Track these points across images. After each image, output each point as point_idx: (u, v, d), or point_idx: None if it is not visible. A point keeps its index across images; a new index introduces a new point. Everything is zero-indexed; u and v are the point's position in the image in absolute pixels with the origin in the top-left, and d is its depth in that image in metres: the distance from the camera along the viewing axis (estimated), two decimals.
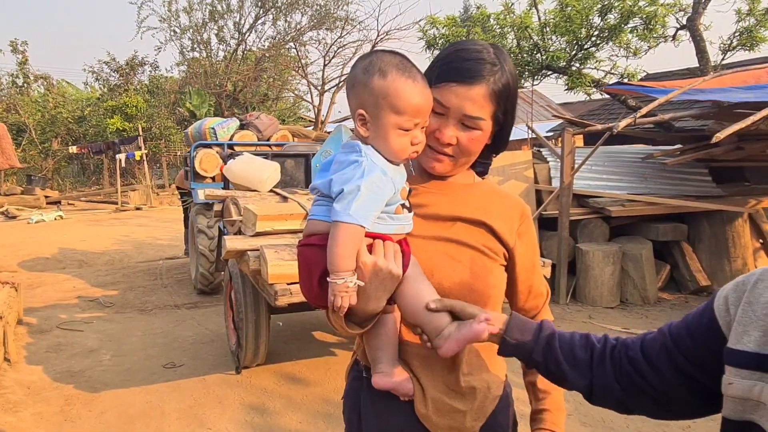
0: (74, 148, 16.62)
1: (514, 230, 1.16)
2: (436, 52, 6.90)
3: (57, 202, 14.78)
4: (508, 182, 5.51)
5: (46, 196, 14.83)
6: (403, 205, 1.11)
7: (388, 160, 1.06)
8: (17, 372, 3.69)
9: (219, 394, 3.38)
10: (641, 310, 5.15)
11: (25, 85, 18.36)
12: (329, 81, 18.23)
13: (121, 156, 15.01)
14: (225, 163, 3.99)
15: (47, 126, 17.91)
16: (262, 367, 3.75)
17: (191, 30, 17.44)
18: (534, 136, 6.89)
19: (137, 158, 15.32)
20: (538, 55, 6.92)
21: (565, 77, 6.77)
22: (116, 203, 14.62)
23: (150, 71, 19.06)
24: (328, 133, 8.23)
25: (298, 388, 3.47)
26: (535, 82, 6.96)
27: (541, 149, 6.46)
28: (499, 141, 1.18)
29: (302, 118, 20.87)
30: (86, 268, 7.59)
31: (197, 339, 4.41)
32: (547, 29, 6.76)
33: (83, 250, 8.88)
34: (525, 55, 6.86)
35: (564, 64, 6.70)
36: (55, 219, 12.35)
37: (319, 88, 18.35)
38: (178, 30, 17.39)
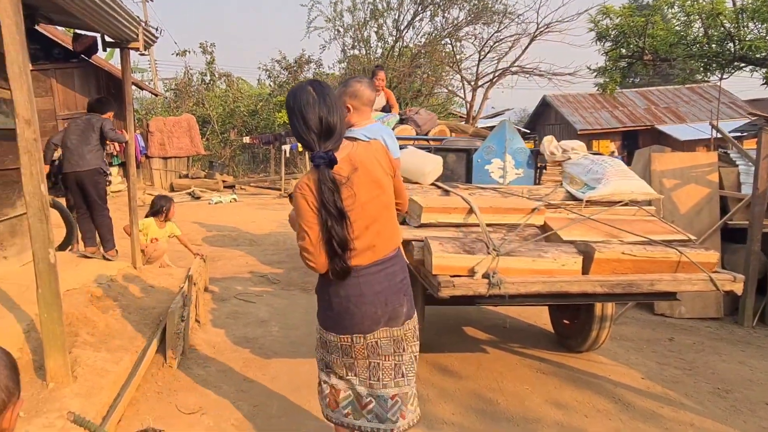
0: (247, 138, 18.49)
1: None
2: (608, 44, 6.45)
3: (232, 187, 16.56)
4: (687, 186, 4.98)
5: (224, 181, 16.68)
6: None
7: None
8: (205, 333, 4.21)
9: None
10: None
11: (211, 82, 20.82)
12: (483, 76, 18.00)
13: (286, 147, 16.35)
14: None
15: (227, 118, 20.14)
16: None
17: (353, 29, 18.38)
18: (718, 136, 6.13)
19: (299, 149, 16.56)
20: (730, 44, 6.12)
21: (764, 70, 5.91)
22: (279, 189, 15.96)
23: (315, 69, 20.45)
24: (487, 128, 8.13)
25: (450, 380, 3.50)
26: (725, 76, 6.18)
27: (728, 151, 5.74)
28: None
29: (453, 114, 20.90)
30: (256, 247, 8.40)
31: None
32: (744, 15, 5.95)
33: (253, 230, 9.85)
34: (714, 45, 6.12)
35: (765, 54, 5.84)
36: (230, 201, 13.85)
37: (473, 83, 18.20)
38: (341, 29, 18.45)
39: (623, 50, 6.24)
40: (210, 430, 2.77)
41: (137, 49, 4.30)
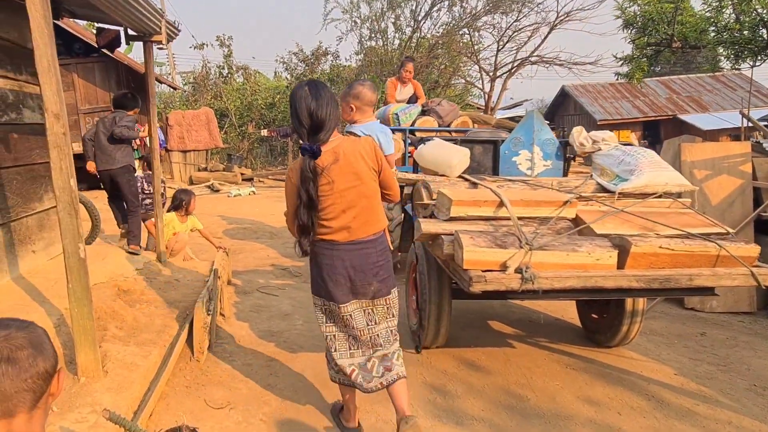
0: (265, 131, 18.53)
1: None
2: (635, 31, 6.29)
3: (250, 179, 16.62)
4: (719, 177, 4.84)
5: (242, 174, 16.74)
6: None
7: None
8: (230, 326, 4.21)
9: None
10: None
11: (229, 75, 20.86)
12: (502, 66, 17.78)
13: None
14: (416, 147, 4.08)
15: (245, 111, 20.19)
16: (441, 350, 3.81)
17: (370, 20, 18.26)
18: (749, 125, 5.96)
19: None
20: (763, 31, 5.93)
21: None
22: None
23: (332, 61, 20.38)
24: (507, 119, 8.01)
25: (478, 375, 3.45)
26: (757, 63, 5.98)
27: (761, 141, 5.57)
28: None
29: (470, 105, 20.69)
30: (276, 240, 8.41)
31: None
32: None
33: (272, 223, 9.86)
34: (746, 32, 5.92)
35: None
36: (249, 194, 13.89)
37: (491, 73, 18.00)
38: (358, 20, 18.35)
39: (650, 38, 6.08)
40: (239, 425, 2.76)
41: (160, 43, 4.29)
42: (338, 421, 2.80)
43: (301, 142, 2.32)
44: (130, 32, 4.21)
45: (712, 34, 6.04)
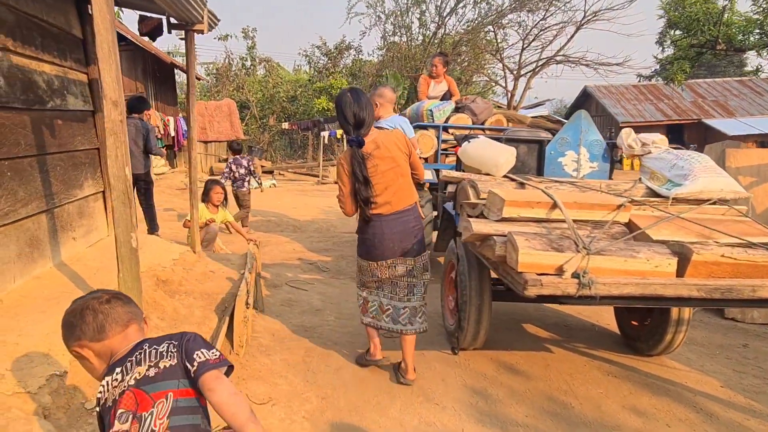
0: (286, 124, 18.53)
1: None
2: (677, 32, 6.14)
3: (270, 172, 16.63)
4: (765, 184, 4.71)
5: (262, 166, 16.75)
6: None
7: None
8: (263, 320, 4.18)
9: (440, 372, 3.45)
10: None
11: (252, 67, 20.87)
12: (526, 65, 17.58)
13: (325, 133, 16.31)
14: (459, 145, 4.01)
15: (266, 104, 20.20)
16: (479, 352, 3.75)
17: (395, 15, 18.15)
18: None
19: (338, 136, 16.52)
20: None
21: None
22: (317, 176, 15.95)
23: (354, 55, 20.30)
24: (536, 117, 7.89)
25: (519, 380, 3.38)
26: None
27: None
28: None
29: (492, 103, 20.52)
30: (300, 234, 8.39)
31: None
32: None
33: (295, 217, 9.84)
34: None
35: None
36: (270, 186, 13.91)
37: (515, 72, 17.81)
38: (383, 15, 18.25)
39: (694, 39, 5.92)
40: (283, 422, 2.72)
41: (201, 32, 4.25)
42: (364, 361, 3.40)
43: (344, 135, 3.21)
44: (173, 21, 4.18)
45: (758, 37, 5.87)
